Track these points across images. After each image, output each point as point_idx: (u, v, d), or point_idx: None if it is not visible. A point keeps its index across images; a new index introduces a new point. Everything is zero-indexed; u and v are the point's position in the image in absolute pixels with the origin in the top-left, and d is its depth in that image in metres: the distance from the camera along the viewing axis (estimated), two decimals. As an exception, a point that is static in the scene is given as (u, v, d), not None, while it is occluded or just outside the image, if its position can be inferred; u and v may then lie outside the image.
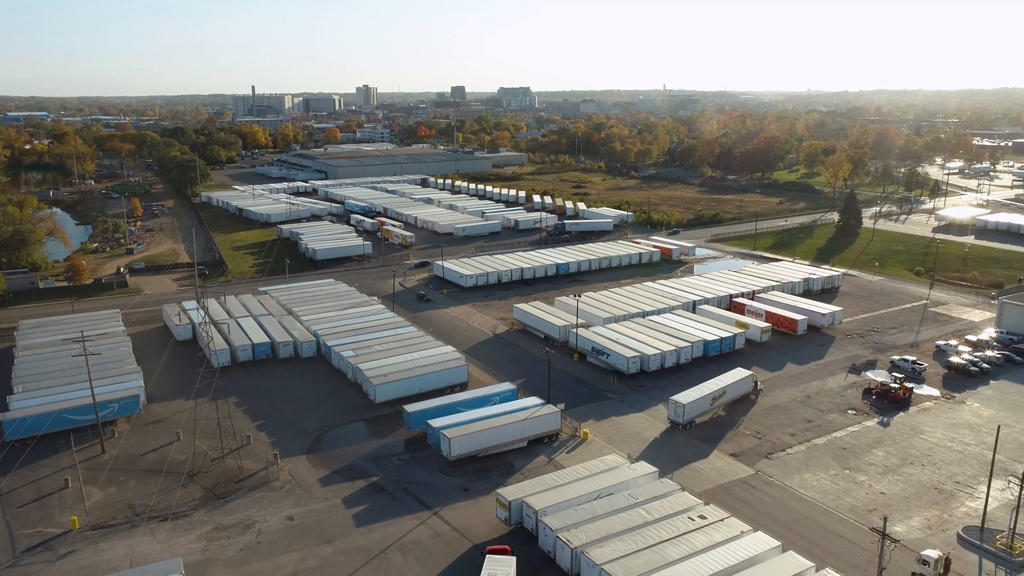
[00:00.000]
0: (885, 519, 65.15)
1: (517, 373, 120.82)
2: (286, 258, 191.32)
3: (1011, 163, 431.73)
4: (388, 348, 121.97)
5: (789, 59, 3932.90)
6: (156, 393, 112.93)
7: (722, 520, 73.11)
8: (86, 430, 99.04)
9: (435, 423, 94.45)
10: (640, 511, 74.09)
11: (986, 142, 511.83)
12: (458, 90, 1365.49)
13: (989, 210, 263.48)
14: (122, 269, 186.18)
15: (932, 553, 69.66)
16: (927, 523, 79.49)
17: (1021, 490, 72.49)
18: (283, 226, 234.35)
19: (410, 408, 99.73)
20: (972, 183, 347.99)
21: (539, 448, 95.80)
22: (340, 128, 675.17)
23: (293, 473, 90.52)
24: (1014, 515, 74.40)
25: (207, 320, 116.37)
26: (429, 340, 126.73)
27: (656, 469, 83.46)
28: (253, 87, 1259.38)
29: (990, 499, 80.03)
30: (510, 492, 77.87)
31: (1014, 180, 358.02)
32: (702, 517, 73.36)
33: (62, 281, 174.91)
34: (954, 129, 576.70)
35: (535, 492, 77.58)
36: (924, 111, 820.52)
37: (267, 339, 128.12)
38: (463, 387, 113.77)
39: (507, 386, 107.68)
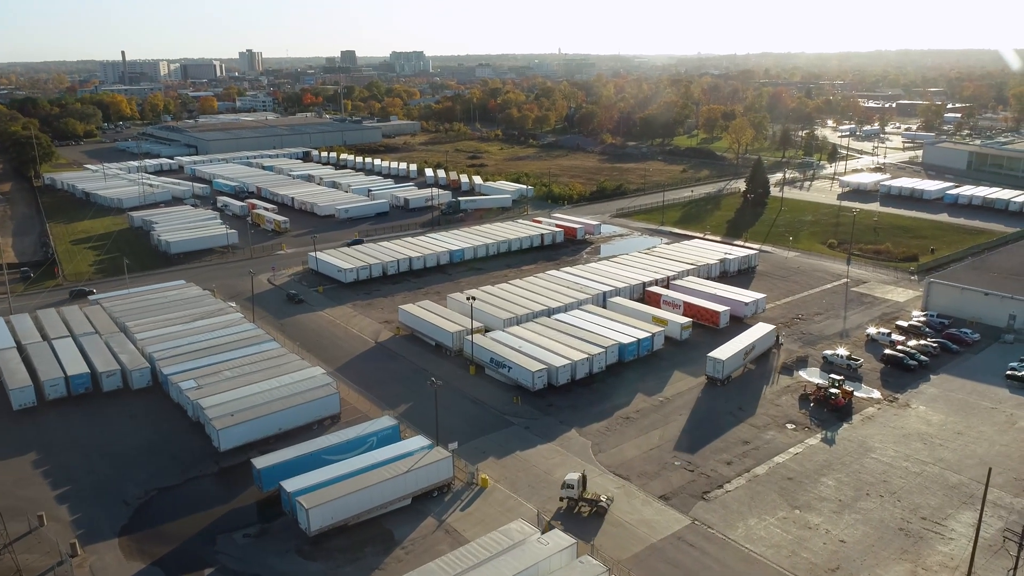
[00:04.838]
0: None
1: (402, 396, 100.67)
2: (124, 257, 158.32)
3: (898, 124, 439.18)
4: (241, 374, 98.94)
5: (679, 22, 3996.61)
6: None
7: (662, 618, 56.12)
8: None
9: (290, 485, 73.28)
10: (556, 614, 56.15)
11: (871, 104, 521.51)
12: (348, 55, 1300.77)
13: (888, 175, 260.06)
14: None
15: (574, 475, 75.35)
16: (901, 583, 65.43)
17: (1020, 550, 58.73)
18: (135, 213, 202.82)
19: (260, 462, 78.15)
20: (866, 145, 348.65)
21: (427, 505, 76.49)
22: (218, 96, 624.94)
23: (97, 570, 67.75)
24: (1009, 576, 60.83)
25: None
26: (293, 359, 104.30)
27: (574, 541, 65.32)
28: (123, 52, 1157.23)
29: (963, 540, 66.78)
30: (383, 597, 58.23)
31: (904, 142, 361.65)
32: (636, 616, 56.15)
33: None
34: (841, 91, 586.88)
35: (417, 594, 58.30)
36: (809, 73, 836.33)
37: (87, 368, 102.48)
38: (334, 420, 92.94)
39: (387, 422, 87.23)
